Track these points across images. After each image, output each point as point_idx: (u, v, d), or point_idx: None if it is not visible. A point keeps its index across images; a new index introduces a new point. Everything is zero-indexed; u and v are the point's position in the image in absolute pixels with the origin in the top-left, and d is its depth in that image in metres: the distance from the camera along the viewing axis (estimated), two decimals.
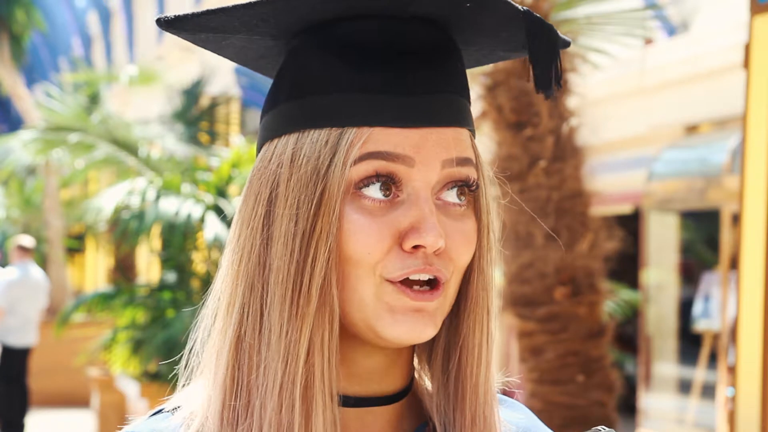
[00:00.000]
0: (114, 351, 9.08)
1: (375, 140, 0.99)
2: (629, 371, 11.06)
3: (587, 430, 1.10)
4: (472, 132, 1.06)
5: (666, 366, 10.14)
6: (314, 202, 0.99)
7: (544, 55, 1.02)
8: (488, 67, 5.32)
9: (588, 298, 5.43)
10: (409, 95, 1.01)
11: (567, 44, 1.05)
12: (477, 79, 5.41)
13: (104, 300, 9.20)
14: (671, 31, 10.24)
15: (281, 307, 0.99)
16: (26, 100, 17.84)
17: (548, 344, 5.45)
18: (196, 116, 12.27)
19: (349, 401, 1.03)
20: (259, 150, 1.06)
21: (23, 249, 10.82)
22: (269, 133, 1.05)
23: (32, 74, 26.65)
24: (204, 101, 12.48)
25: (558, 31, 1.02)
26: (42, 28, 20.79)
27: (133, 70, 14.62)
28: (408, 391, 1.07)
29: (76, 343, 11.24)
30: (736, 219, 5.62)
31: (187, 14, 1.05)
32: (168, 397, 1.09)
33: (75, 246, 19.40)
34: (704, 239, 10.06)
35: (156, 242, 9.12)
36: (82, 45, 28.77)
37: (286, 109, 1.04)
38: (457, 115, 1.03)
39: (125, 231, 8.73)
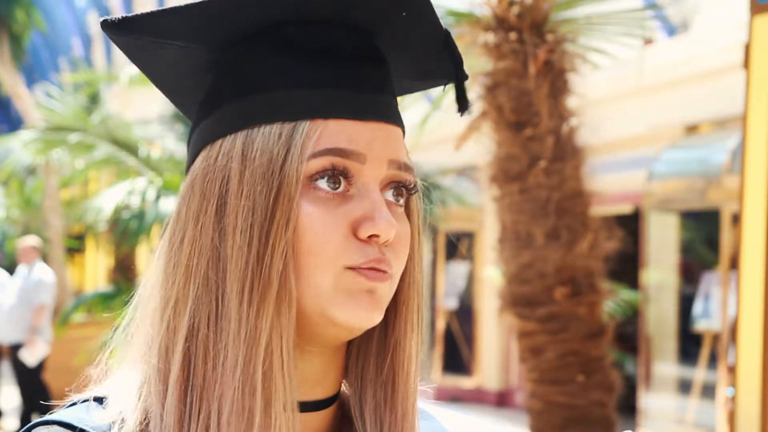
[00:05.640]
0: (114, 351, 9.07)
1: (330, 133, 1.01)
2: (629, 371, 11.06)
3: None
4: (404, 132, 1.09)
5: (666, 366, 10.14)
6: (272, 193, 0.99)
7: (463, 78, 1.08)
8: (488, 68, 5.32)
9: (588, 298, 5.43)
10: (361, 91, 1.03)
11: (466, 77, 1.10)
12: (477, 79, 5.41)
13: (104, 300, 9.21)
14: (671, 31, 10.25)
15: (240, 296, 0.99)
16: (26, 100, 17.84)
17: (548, 344, 5.45)
18: None
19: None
20: (193, 158, 1.06)
21: (35, 249, 10.86)
22: (209, 136, 1.04)
23: (32, 74, 26.67)
24: None
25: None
26: (42, 28, 20.79)
27: (133, 70, 14.59)
28: (336, 399, 1.09)
29: (76, 343, 11.23)
30: (736, 219, 5.61)
31: (137, 14, 1.04)
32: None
33: (75, 246, 19.40)
34: (704, 239, 10.06)
35: (156, 242, 9.11)
36: (82, 45, 28.77)
37: (229, 111, 1.03)
38: (398, 115, 1.07)
39: (125, 231, 8.74)
